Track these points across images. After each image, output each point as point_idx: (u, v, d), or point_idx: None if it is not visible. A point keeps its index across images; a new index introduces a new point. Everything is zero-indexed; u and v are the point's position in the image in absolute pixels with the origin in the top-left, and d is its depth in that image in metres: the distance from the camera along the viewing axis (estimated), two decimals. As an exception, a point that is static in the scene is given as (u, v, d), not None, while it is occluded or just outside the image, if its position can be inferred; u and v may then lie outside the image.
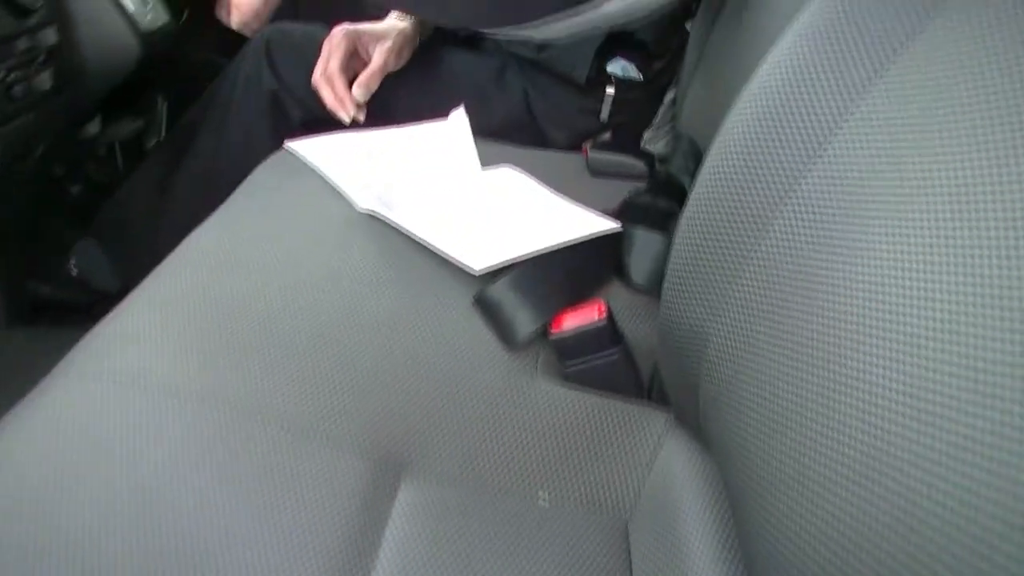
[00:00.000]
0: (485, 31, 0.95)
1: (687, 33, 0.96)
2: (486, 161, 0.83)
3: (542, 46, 0.97)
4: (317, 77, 0.89)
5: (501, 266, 0.60)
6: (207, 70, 1.04)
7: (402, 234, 0.68)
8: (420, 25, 0.98)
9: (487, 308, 0.60)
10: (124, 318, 0.61)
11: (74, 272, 1.14)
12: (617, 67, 0.96)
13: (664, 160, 0.91)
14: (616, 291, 0.65)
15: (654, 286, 0.64)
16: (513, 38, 0.96)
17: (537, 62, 0.98)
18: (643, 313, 0.63)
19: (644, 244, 0.65)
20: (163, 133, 1.05)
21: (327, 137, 0.90)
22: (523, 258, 0.60)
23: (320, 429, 0.52)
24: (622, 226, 0.66)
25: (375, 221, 0.71)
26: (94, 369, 0.54)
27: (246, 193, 0.80)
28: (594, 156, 0.89)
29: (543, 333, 0.59)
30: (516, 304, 0.58)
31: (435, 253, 0.64)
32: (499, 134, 0.99)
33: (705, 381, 0.51)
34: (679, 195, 0.79)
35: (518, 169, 0.78)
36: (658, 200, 0.80)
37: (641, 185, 0.84)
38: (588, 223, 0.65)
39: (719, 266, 0.48)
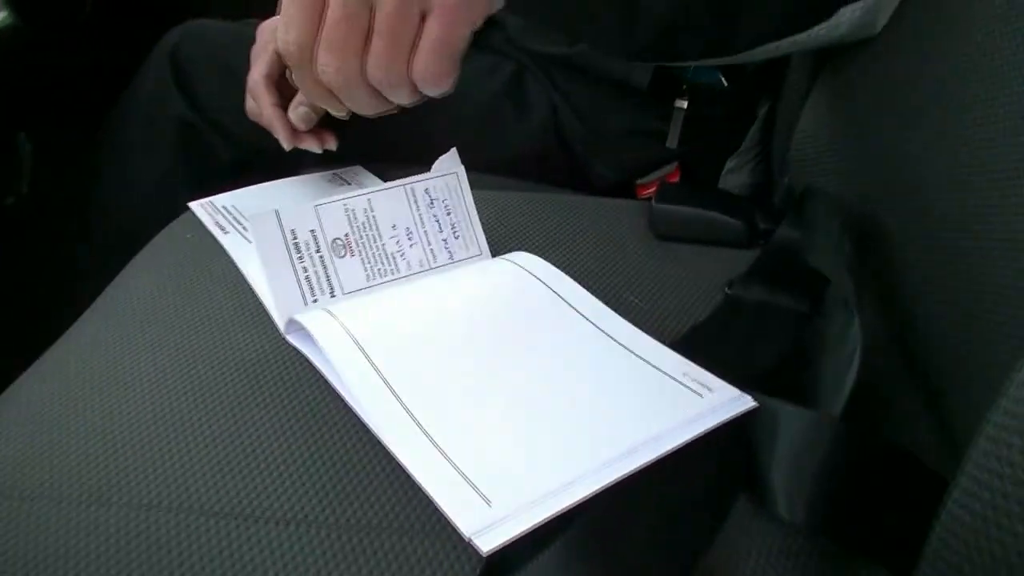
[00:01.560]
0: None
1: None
2: (495, 228, 0.53)
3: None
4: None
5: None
6: (102, 90, 0.74)
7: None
8: None
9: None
10: None
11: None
12: (693, 69, 0.65)
13: (764, 210, 0.59)
14: (746, 536, 0.34)
15: (820, 520, 0.33)
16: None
17: (569, 61, 0.67)
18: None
19: (794, 438, 0.34)
20: (24, 187, 0.74)
21: (253, 191, 0.60)
22: (572, 505, 0.30)
23: None
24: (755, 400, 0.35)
25: (305, 367, 0.41)
26: None
27: (112, 297, 0.51)
28: (661, 210, 0.58)
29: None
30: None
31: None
32: (518, 169, 0.69)
33: None
34: (811, 283, 0.49)
35: (543, 261, 0.47)
36: (778, 296, 0.49)
37: (738, 256, 0.54)
38: (692, 409, 0.34)
39: None
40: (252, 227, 0.44)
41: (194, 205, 0.58)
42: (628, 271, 0.53)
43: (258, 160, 0.66)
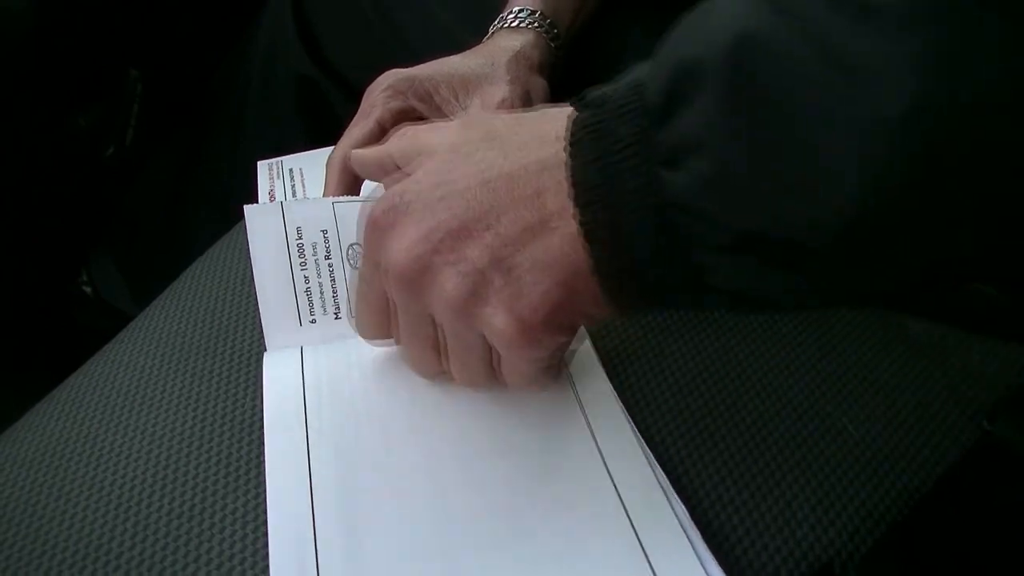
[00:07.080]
0: None
1: None
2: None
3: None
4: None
5: None
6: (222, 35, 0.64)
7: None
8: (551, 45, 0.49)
9: None
10: None
11: (88, 291, 0.83)
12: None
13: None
14: None
15: None
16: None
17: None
18: None
19: None
20: (129, 137, 0.64)
21: (311, 206, 0.44)
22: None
23: None
24: None
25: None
26: None
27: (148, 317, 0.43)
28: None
29: None
30: None
31: None
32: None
33: None
34: None
35: (604, 378, 0.37)
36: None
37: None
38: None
39: None
40: (248, 220, 0.36)
41: (261, 165, 0.48)
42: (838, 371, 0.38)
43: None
